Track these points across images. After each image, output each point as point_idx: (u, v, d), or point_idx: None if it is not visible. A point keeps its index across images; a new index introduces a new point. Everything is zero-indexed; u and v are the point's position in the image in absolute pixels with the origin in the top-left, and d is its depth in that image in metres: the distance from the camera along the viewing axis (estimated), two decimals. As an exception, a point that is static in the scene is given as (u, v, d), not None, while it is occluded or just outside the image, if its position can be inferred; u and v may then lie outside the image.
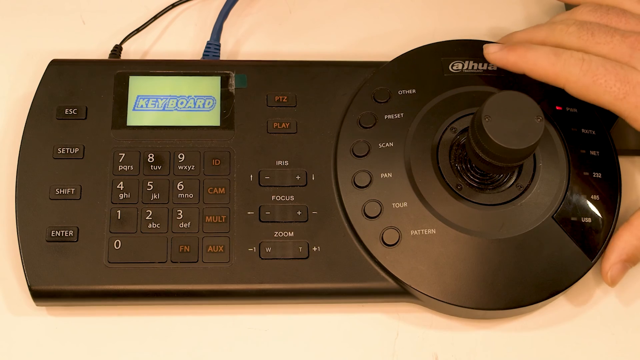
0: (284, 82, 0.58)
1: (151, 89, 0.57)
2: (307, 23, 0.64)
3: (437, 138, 0.55)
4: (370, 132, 0.56)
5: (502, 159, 0.50)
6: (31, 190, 0.54)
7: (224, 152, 0.55)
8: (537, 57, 0.53)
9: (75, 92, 0.57)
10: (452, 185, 0.54)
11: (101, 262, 0.52)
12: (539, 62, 0.53)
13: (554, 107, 0.56)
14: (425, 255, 0.53)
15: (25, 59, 0.61)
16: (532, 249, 0.53)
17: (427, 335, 0.54)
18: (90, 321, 0.53)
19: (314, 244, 0.54)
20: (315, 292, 0.53)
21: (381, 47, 0.63)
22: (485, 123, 0.49)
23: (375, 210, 0.54)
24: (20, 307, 0.53)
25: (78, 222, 0.53)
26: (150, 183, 0.54)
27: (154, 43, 0.62)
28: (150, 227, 0.53)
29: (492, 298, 0.52)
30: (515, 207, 0.53)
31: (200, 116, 0.56)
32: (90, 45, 0.62)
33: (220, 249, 0.53)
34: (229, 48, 0.62)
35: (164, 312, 0.54)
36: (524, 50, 0.54)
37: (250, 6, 0.64)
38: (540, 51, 0.53)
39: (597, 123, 0.57)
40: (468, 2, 0.65)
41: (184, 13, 0.64)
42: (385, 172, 0.54)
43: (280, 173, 0.55)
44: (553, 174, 0.54)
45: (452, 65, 0.57)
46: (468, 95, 0.56)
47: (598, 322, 0.55)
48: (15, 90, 0.60)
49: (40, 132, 0.55)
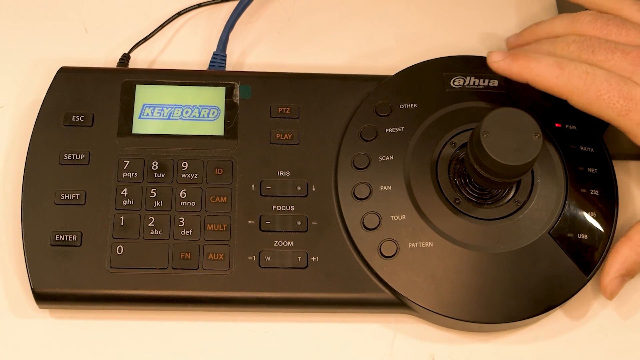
0: (288, 94, 0.58)
1: (157, 97, 0.57)
2: (311, 35, 0.64)
3: (437, 152, 0.55)
4: (371, 145, 0.56)
5: (500, 175, 0.50)
6: (37, 195, 0.54)
7: (227, 162, 0.56)
8: (540, 69, 0.53)
9: (83, 99, 0.57)
10: (451, 200, 0.54)
11: (104, 266, 0.53)
12: (542, 74, 0.53)
13: (553, 124, 0.56)
14: (422, 267, 0.53)
15: (33, 67, 0.61)
16: (528, 264, 0.53)
17: (422, 347, 0.54)
18: (92, 324, 0.54)
19: (313, 254, 0.54)
20: (313, 301, 0.53)
21: (384, 61, 0.63)
22: (484, 139, 0.49)
23: (374, 222, 0.54)
24: (24, 310, 0.54)
25: (82, 227, 0.54)
26: (153, 190, 0.55)
27: (161, 52, 0.63)
28: (152, 234, 0.54)
29: (488, 311, 0.52)
30: (512, 222, 0.54)
31: (204, 126, 0.57)
32: (96, 53, 0.62)
33: (220, 257, 0.53)
34: (235, 59, 0.63)
35: (164, 317, 0.54)
36: (527, 61, 0.53)
37: (256, 16, 0.65)
38: (543, 62, 0.53)
39: (596, 141, 0.57)
40: (471, 17, 0.65)
41: (190, 21, 0.64)
42: (385, 184, 0.55)
43: (282, 183, 0.55)
44: (551, 190, 0.54)
45: (453, 81, 0.58)
46: (468, 110, 0.56)
47: (594, 335, 0.55)
48: (23, 97, 0.60)
49: (47, 138, 0.56)
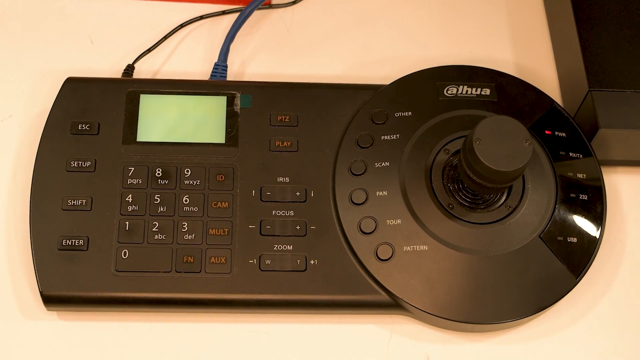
0: (287, 103, 0.58)
1: (161, 106, 0.58)
2: (309, 46, 0.65)
3: (431, 159, 0.56)
4: (368, 151, 0.57)
5: (492, 180, 0.51)
6: (45, 201, 0.55)
7: (228, 168, 0.56)
8: None
9: (89, 109, 0.58)
10: (445, 204, 0.55)
11: (109, 270, 0.53)
12: None
13: (543, 131, 0.57)
14: (417, 270, 0.54)
15: (41, 78, 0.62)
16: (520, 267, 0.54)
17: (418, 347, 0.55)
18: (98, 326, 0.54)
19: (311, 257, 0.54)
20: (312, 303, 0.54)
21: (379, 70, 0.64)
22: (476, 146, 0.50)
23: (371, 226, 0.55)
24: (32, 312, 0.54)
25: (88, 232, 0.54)
26: (157, 196, 0.55)
27: (164, 63, 0.63)
28: (156, 238, 0.54)
29: (481, 312, 0.53)
30: (504, 226, 0.54)
31: (206, 133, 0.57)
32: (101, 64, 0.63)
33: (222, 260, 0.54)
34: (236, 69, 0.63)
35: (168, 318, 0.55)
36: None
37: (256, 28, 0.65)
38: None
39: (585, 147, 0.57)
40: (463, 29, 0.66)
41: (192, 33, 0.65)
42: (381, 190, 0.55)
43: (281, 189, 0.56)
44: (541, 195, 0.55)
45: (446, 90, 0.58)
46: (461, 118, 0.57)
47: (583, 336, 0.56)
48: (32, 107, 0.61)
49: (55, 146, 0.56)
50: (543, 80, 0.64)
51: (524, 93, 0.59)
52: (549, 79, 0.64)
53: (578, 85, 0.60)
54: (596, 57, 0.59)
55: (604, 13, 0.61)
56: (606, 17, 0.61)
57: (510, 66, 0.64)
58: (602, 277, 0.57)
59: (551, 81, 0.64)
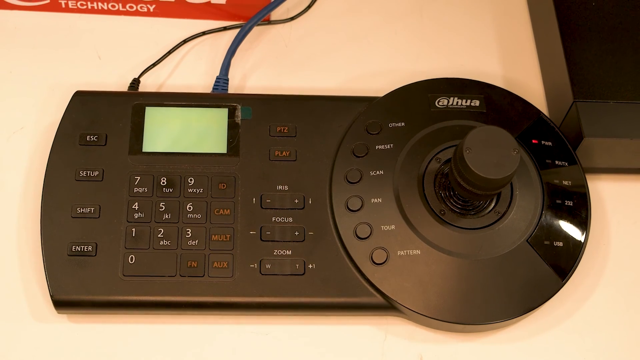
0: (286, 115, 0.59)
1: (165, 118, 0.59)
2: (307, 59, 0.66)
3: (423, 167, 0.57)
4: (363, 161, 0.58)
5: (481, 188, 0.52)
6: (55, 209, 0.56)
7: (230, 177, 0.57)
8: None
9: (97, 121, 0.58)
10: (436, 211, 0.56)
11: (117, 275, 0.54)
12: None
13: (530, 140, 0.58)
14: (410, 273, 0.54)
15: (50, 92, 0.62)
16: (508, 270, 0.55)
17: (411, 347, 0.56)
18: (107, 328, 0.55)
19: (309, 261, 0.55)
20: (310, 305, 0.55)
21: (374, 83, 0.64)
22: (467, 155, 0.51)
23: (366, 232, 0.56)
24: (44, 315, 0.55)
25: (97, 238, 0.55)
26: (162, 204, 0.56)
27: (168, 76, 0.64)
28: (161, 244, 0.55)
29: (472, 313, 0.54)
30: (493, 231, 0.55)
31: (209, 144, 0.58)
32: (108, 78, 0.63)
33: (224, 265, 0.55)
34: (237, 82, 0.64)
35: (173, 320, 0.56)
36: None
37: (256, 43, 0.66)
38: None
39: (570, 155, 0.58)
40: (454, 43, 0.67)
41: (195, 48, 0.65)
42: (376, 197, 0.56)
43: (281, 197, 0.57)
44: (528, 202, 0.56)
45: (438, 101, 0.59)
46: (452, 128, 0.58)
47: (570, 335, 0.56)
48: (42, 119, 0.61)
49: (64, 157, 0.57)
50: (530, 92, 0.65)
51: (511, 104, 0.60)
52: (535, 91, 0.65)
53: (563, 97, 0.60)
54: (580, 69, 0.60)
55: (588, 27, 0.62)
56: (590, 32, 0.62)
57: (498, 79, 0.65)
58: (587, 279, 0.58)
59: (538, 93, 0.65)
